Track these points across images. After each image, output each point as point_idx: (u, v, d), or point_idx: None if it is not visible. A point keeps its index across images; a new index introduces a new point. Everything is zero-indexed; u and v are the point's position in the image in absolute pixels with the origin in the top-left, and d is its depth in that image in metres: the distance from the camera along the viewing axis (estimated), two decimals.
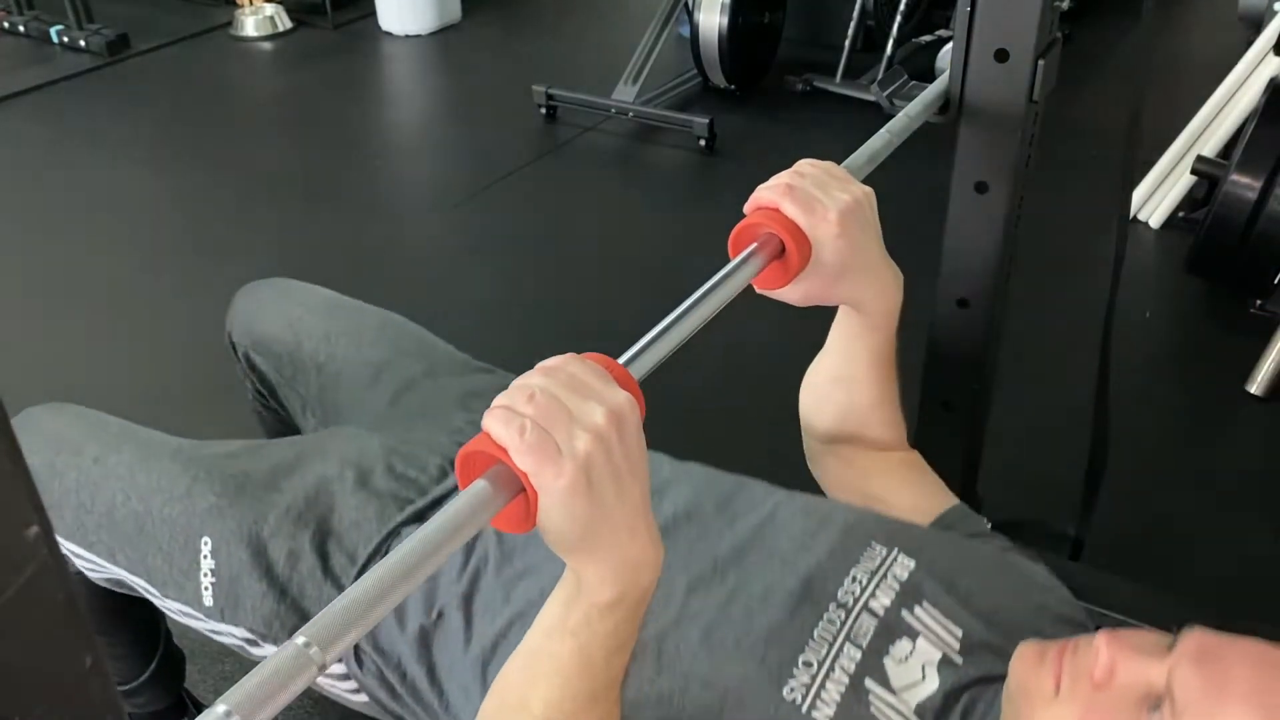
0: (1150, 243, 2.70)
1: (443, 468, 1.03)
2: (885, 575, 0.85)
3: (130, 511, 0.99)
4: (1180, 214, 2.71)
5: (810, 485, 1.06)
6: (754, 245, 0.82)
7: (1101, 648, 0.69)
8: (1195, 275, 2.40)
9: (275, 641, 0.96)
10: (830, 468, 1.06)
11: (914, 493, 1.01)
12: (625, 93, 3.30)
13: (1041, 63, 1.13)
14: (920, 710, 0.77)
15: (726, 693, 0.77)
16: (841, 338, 0.98)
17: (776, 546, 0.88)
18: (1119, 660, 0.69)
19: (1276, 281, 2.24)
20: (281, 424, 1.35)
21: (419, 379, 1.18)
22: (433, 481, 1.02)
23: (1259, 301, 2.30)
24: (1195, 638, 0.68)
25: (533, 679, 0.69)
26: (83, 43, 3.96)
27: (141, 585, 1.01)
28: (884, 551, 0.87)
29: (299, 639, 0.50)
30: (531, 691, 0.69)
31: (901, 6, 3.43)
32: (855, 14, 3.48)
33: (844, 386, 1.00)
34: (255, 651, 0.99)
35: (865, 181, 0.91)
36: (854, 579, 0.85)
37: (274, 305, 1.30)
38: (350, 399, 1.19)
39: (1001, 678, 0.78)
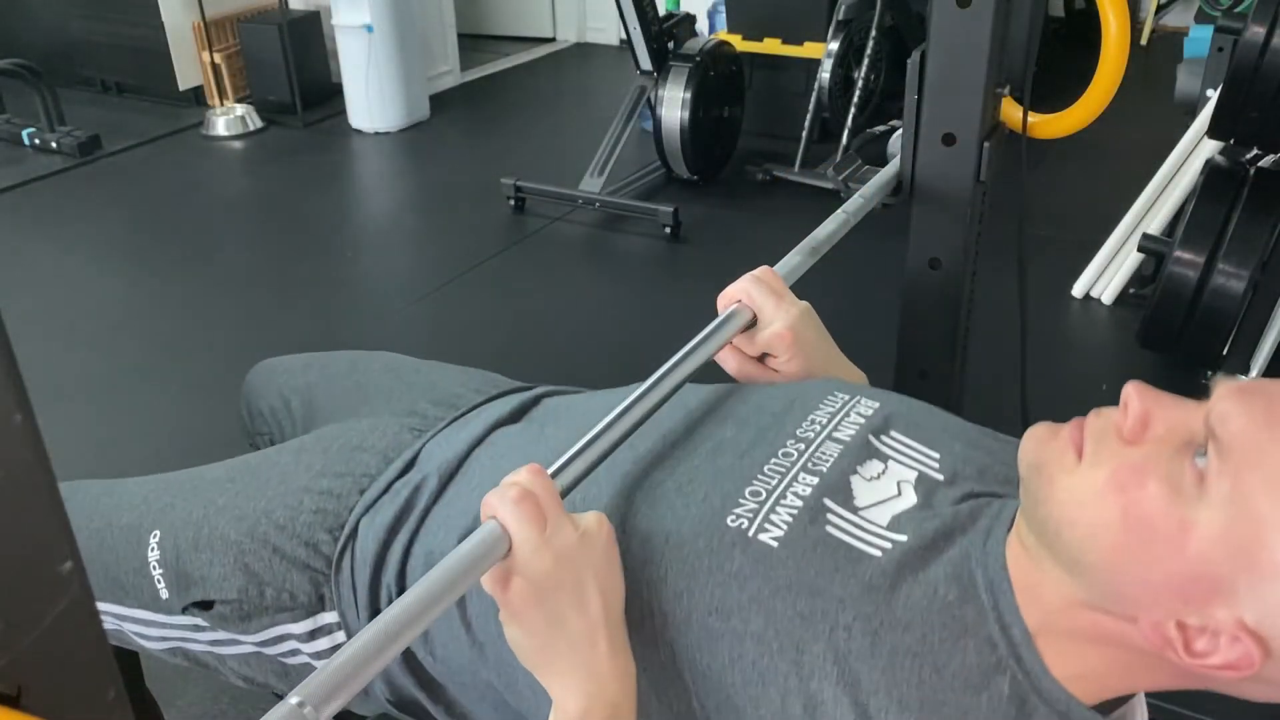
0: (1103, 318, 2.78)
1: (386, 456, 1.00)
2: (848, 414, 0.82)
3: (92, 531, 1.00)
4: (1131, 290, 2.81)
5: None
6: (734, 307, 0.88)
7: (1132, 398, 0.62)
8: (1148, 349, 2.48)
9: (228, 622, 0.93)
10: None
11: None
12: (592, 184, 3.39)
13: (986, 145, 1.19)
14: (897, 523, 0.72)
15: (666, 536, 0.73)
16: None
17: (732, 410, 0.86)
18: (1153, 409, 0.61)
19: (1225, 353, 2.32)
20: None
21: (395, 387, 1.17)
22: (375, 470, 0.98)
23: (1209, 372, 2.38)
24: (1231, 382, 0.60)
25: None
26: (54, 144, 4.01)
27: (111, 612, 1.01)
28: (845, 397, 0.84)
29: (293, 699, 0.52)
30: None
31: (855, 99, 3.57)
32: (811, 107, 3.62)
33: None
34: (207, 640, 0.97)
35: (824, 258, 0.97)
36: (812, 421, 0.81)
37: (266, 379, 1.31)
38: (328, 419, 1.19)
39: (995, 495, 0.74)
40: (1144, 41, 5.30)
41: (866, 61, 3.61)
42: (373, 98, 4.28)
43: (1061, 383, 2.49)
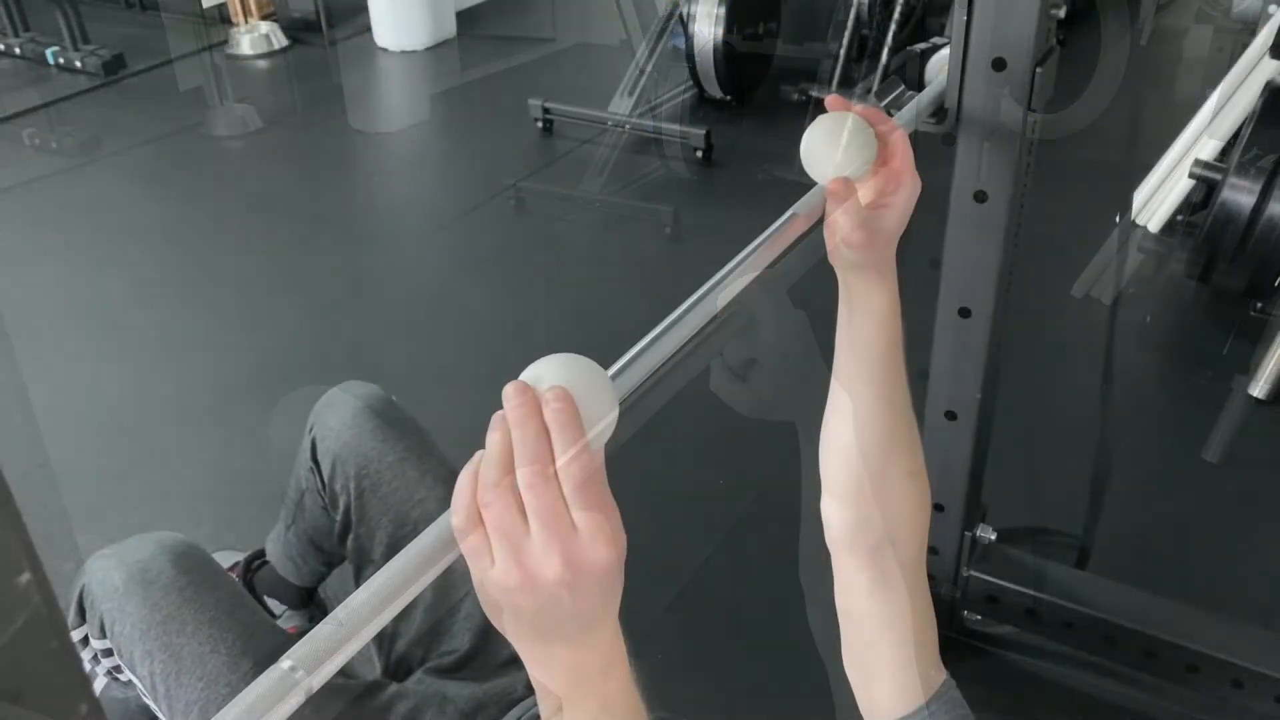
0: (1150, 247, 2.69)
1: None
2: None
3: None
4: (1180, 218, 2.71)
5: None
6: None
7: None
8: (1195, 279, 2.40)
9: None
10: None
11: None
12: (622, 105, 3.31)
13: (1039, 71, 1.13)
14: None
15: None
16: (839, 358, 0.85)
17: None
18: None
19: (1276, 284, 2.24)
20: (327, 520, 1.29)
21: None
22: None
23: (1259, 304, 2.30)
24: None
25: None
26: (79, 63, 3.96)
27: None
28: None
29: (285, 663, 0.50)
30: None
31: (896, 15, 3.44)
32: (850, 23, 3.49)
33: (844, 418, 0.84)
34: None
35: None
36: None
37: (353, 440, 1.22)
38: None
39: None
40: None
41: None
42: (399, 15, 4.19)
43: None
